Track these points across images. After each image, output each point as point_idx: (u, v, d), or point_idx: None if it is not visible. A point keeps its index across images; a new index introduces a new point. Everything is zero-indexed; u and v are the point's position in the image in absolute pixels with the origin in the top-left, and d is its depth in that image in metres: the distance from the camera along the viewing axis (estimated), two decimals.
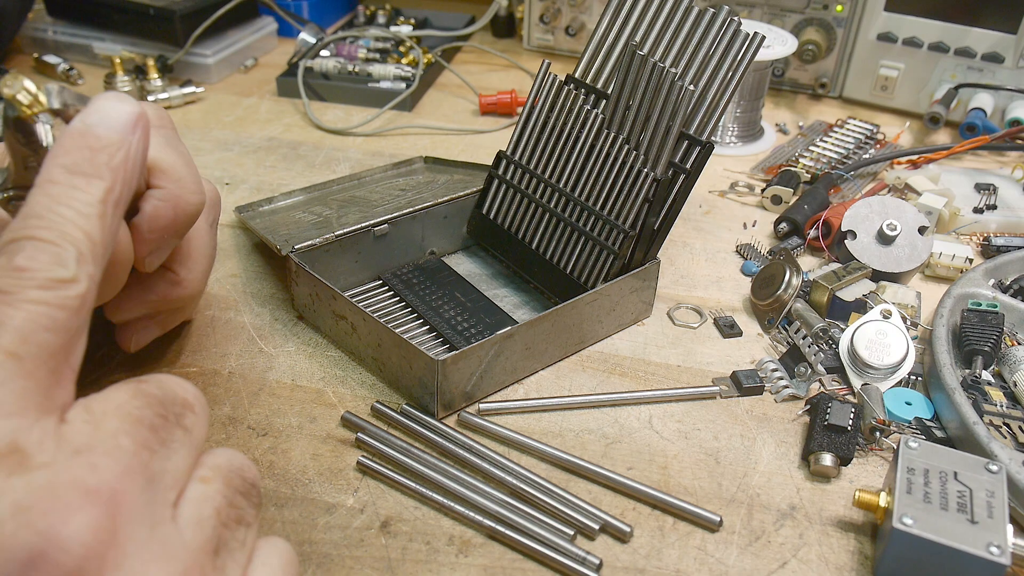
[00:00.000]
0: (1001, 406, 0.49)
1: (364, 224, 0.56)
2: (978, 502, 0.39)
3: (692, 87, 0.51)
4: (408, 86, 0.86)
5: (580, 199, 0.55)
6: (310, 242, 0.54)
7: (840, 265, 0.59)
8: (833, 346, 0.53)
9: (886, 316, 0.53)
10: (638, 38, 0.56)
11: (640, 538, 0.42)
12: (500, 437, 0.47)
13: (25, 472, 0.25)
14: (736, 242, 0.66)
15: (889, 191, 0.73)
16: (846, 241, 0.61)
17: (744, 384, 0.51)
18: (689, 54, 0.54)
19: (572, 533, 0.42)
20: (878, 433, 0.47)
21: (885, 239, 0.60)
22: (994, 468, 0.40)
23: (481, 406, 0.49)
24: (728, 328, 0.56)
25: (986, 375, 0.51)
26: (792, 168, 0.73)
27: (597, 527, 0.42)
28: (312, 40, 0.91)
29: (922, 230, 0.61)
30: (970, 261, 0.62)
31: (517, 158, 0.58)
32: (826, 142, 0.79)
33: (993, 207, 0.69)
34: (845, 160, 0.76)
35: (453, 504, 0.43)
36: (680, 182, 0.52)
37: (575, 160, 0.55)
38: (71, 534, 0.25)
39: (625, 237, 0.52)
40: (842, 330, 0.54)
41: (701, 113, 0.52)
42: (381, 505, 0.43)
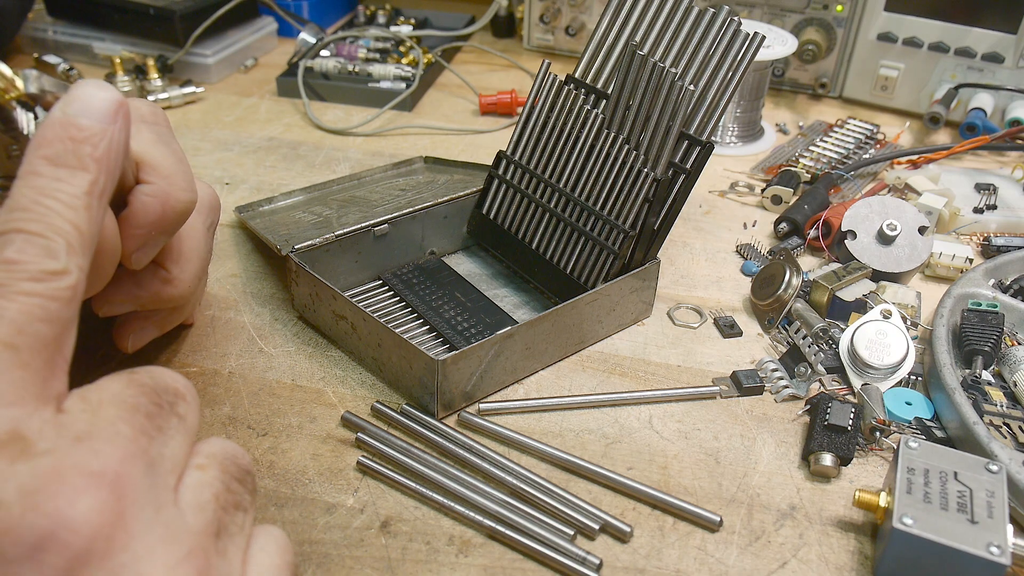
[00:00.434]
0: (1001, 406, 0.49)
1: (364, 224, 0.56)
2: (978, 502, 0.39)
3: (692, 87, 0.51)
4: (408, 86, 0.86)
5: (580, 199, 0.55)
6: (310, 242, 0.54)
7: (840, 265, 0.59)
8: (833, 346, 0.53)
9: (886, 316, 0.53)
10: (638, 38, 0.56)
11: (640, 538, 0.42)
12: (500, 437, 0.47)
13: (29, 458, 0.25)
14: (736, 242, 0.66)
15: (889, 191, 0.73)
16: (846, 241, 0.61)
17: (744, 384, 0.51)
18: (689, 54, 0.54)
19: (572, 533, 0.42)
20: (878, 433, 0.47)
21: (885, 239, 0.60)
22: (994, 468, 0.40)
23: (481, 406, 0.49)
24: (728, 328, 0.56)
25: (986, 375, 0.51)
26: (792, 168, 0.73)
27: (597, 527, 0.42)
28: (312, 40, 0.91)
29: (922, 230, 0.61)
30: (970, 261, 0.62)
31: (517, 158, 0.58)
32: (826, 142, 0.79)
33: (993, 207, 0.69)
34: (845, 160, 0.76)
35: (453, 504, 0.43)
36: (680, 182, 0.52)
37: (575, 160, 0.55)
38: (79, 515, 0.25)
39: (625, 237, 0.52)
40: (842, 330, 0.54)
41: (701, 113, 0.53)
42: (381, 505, 0.43)
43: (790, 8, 0.88)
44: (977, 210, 0.68)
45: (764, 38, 0.53)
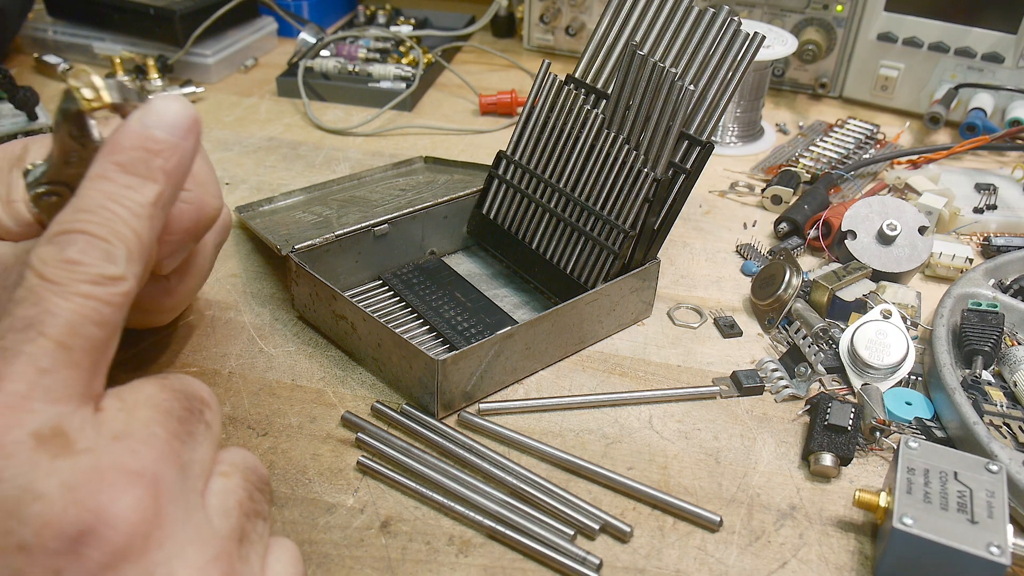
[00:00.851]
0: (1001, 406, 0.49)
1: (364, 224, 0.56)
2: (978, 502, 0.39)
3: (692, 87, 0.51)
4: (408, 86, 0.86)
5: (580, 199, 0.55)
6: (310, 242, 0.54)
7: (840, 265, 0.59)
8: (833, 346, 0.53)
9: (886, 316, 0.53)
10: (638, 38, 0.56)
11: (640, 538, 0.42)
12: (500, 437, 0.47)
13: (70, 455, 0.26)
14: (736, 242, 0.66)
15: (889, 191, 0.73)
16: (846, 241, 0.61)
17: (744, 384, 0.51)
18: (689, 54, 0.54)
19: (572, 533, 0.42)
20: (878, 433, 0.47)
21: (885, 239, 0.60)
22: (994, 468, 0.40)
23: (481, 406, 0.49)
24: (728, 328, 0.56)
25: (986, 375, 0.51)
26: (792, 168, 0.73)
27: (597, 527, 0.42)
28: (312, 40, 0.91)
29: (922, 230, 0.61)
30: (970, 261, 0.62)
31: (517, 158, 0.58)
32: (826, 142, 0.79)
33: (993, 207, 0.69)
34: (845, 160, 0.76)
35: (453, 504, 0.43)
36: (680, 182, 0.52)
37: (575, 160, 0.55)
38: (119, 512, 0.26)
39: (625, 237, 0.52)
40: (842, 330, 0.54)
41: (701, 113, 0.53)
42: (381, 505, 0.43)
43: (790, 8, 0.88)
44: (977, 210, 0.68)
45: (764, 38, 0.53)
